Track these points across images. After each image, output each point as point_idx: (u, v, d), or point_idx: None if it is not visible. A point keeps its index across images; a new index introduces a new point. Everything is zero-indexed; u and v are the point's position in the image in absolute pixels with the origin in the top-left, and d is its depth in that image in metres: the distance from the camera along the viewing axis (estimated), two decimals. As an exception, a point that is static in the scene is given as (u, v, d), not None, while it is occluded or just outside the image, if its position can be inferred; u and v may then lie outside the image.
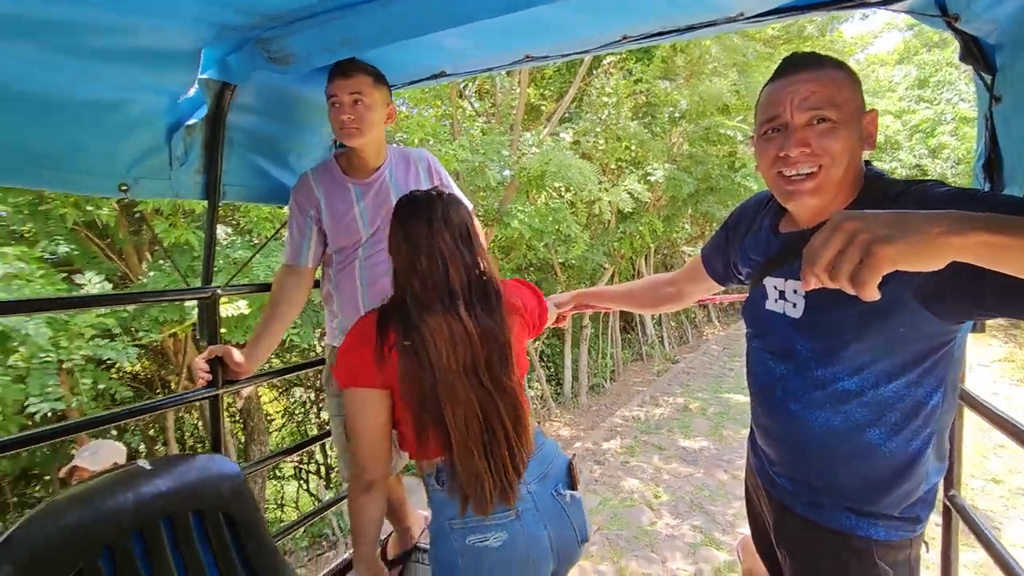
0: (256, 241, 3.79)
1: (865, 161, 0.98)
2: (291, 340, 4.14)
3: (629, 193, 6.60)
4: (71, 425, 1.45)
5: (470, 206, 1.95)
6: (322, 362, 1.85)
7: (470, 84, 7.45)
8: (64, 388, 2.76)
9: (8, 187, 3.18)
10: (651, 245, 9.11)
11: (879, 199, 0.91)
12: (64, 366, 2.76)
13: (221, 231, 4.24)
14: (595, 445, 6.20)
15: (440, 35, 1.27)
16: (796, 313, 0.98)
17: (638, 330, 11.01)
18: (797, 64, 0.93)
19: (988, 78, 1.08)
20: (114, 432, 4.38)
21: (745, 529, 1.38)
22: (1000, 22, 1.00)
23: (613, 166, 7.88)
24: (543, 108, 8.10)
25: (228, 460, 1.37)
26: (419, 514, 1.98)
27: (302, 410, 7.42)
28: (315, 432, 6.66)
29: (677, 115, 8.01)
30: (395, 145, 1.73)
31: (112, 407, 3.60)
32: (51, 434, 1.35)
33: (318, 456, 7.14)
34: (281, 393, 7.35)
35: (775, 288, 1.03)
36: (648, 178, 7.28)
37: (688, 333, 12.79)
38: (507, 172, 5.71)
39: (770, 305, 1.04)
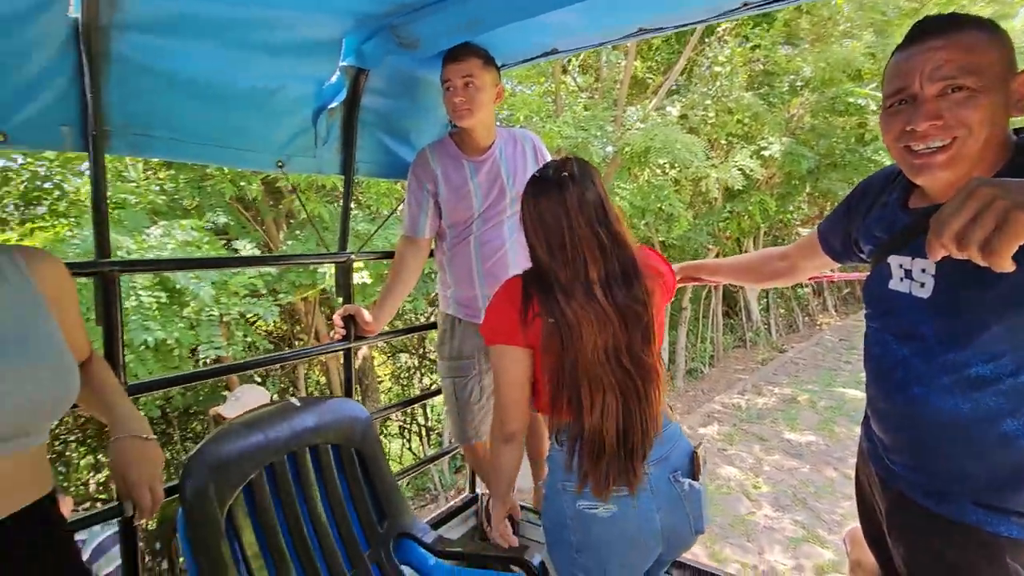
0: (374, 215, 4.14)
1: (1015, 129, 0.88)
2: (404, 307, 4.48)
3: (740, 170, 6.22)
4: (232, 366, 1.74)
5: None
6: (434, 326, 2.01)
7: (574, 59, 7.37)
8: (223, 338, 3.25)
9: (183, 165, 3.76)
10: (761, 225, 8.53)
11: None
12: (224, 320, 3.27)
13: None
14: (691, 430, 6.06)
15: (554, 12, 1.32)
16: (924, 293, 0.92)
17: (742, 315, 10.42)
18: (928, 29, 0.84)
19: None
20: (258, 381, 5.06)
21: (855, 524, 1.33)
22: None
23: (723, 141, 7.44)
24: (649, 81, 7.80)
25: (359, 404, 1.57)
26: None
27: (407, 375, 7.97)
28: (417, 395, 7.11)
29: (799, 84, 7.35)
30: (501, 126, 1.82)
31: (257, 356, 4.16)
32: (216, 372, 1.64)
33: (420, 418, 7.65)
34: (389, 358, 7.94)
35: (901, 267, 0.97)
36: (762, 153, 6.80)
37: (799, 320, 11.88)
38: (609, 148, 5.63)
39: (894, 285, 0.98)
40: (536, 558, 1.35)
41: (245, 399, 2.43)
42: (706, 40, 7.04)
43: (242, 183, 3.61)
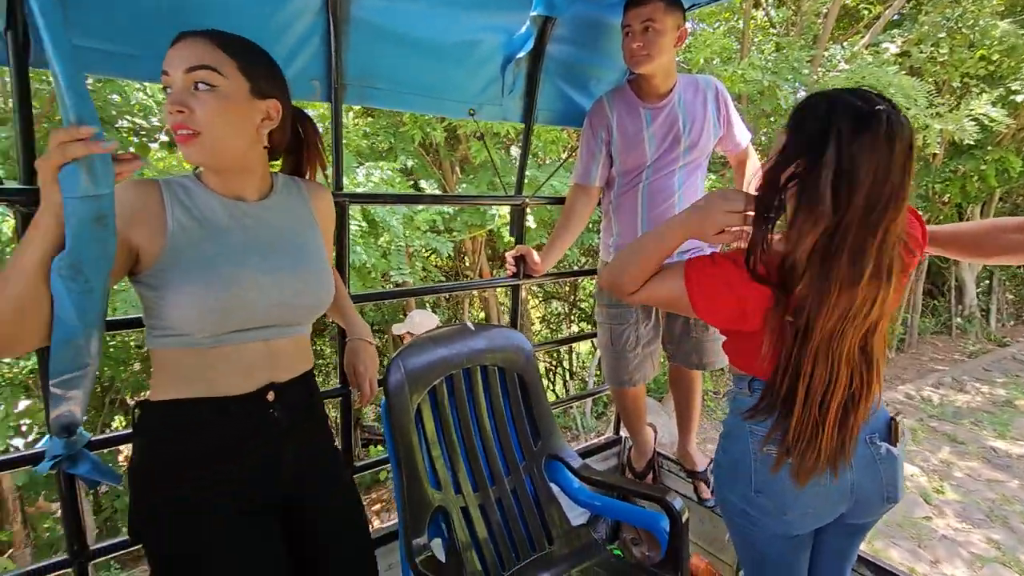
0: (541, 162, 4.29)
1: None
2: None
3: (976, 119, 5.08)
4: (413, 290, 2.01)
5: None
6: (593, 272, 2.08)
7: (770, -9, 6.51)
8: (408, 266, 3.74)
9: (381, 112, 4.28)
10: (996, 189, 6.94)
11: None
12: (409, 250, 3.76)
13: (513, 151, 4.90)
14: (862, 416, 5.42)
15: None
16: None
17: (951, 296, 8.75)
18: None
19: None
20: (431, 307, 5.73)
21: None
22: None
23: (956, 83, 6.10)
24: (864, 13, 6.61)
25: (523, 336, 1.73)
26: (649, 429, 2.14)
27: (556, 319, 8.27)
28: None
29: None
30: (683, 73, 1.74)
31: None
32: (400, 294, 1.92)
33: (565, 363, 7.94)
34: (541, 302, 8.28)
35: None
36: (1012, 98, 5.44)
37: (1033, 311, 9.64)
38: (802, 93, 4.97)
39: None
40: (677, 501, 1.41)
41: (418, 321, 2.79)
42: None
43: (428, 129, 3.99)
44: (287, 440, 0.99)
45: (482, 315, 6.61)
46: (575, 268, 4.98)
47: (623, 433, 2.38)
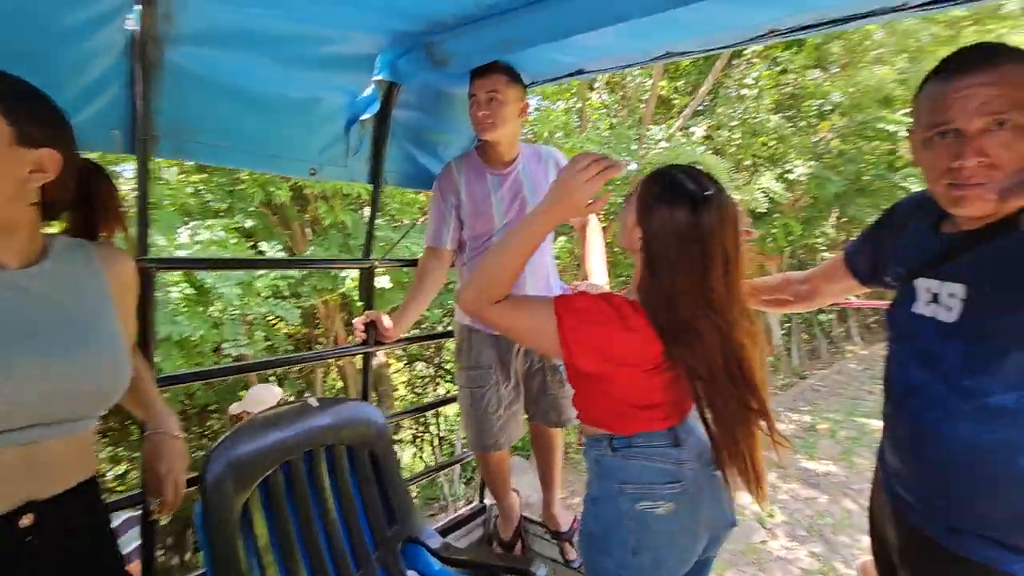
0: (397, 223, 4.22)
1: None
2: (422, 316, 4.54)
3: (764, 192, 6.18)
4: (254, 364, 1.79)
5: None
6: (450, 335, 2.04)
7: (601, 77, 7.44)
8: (246, 337, 3.34)
9: (216, 169, 3.91)
10: (784, 249, 8.43)
11: None
12: (247, 319, 3.37)
13: (367, 213, 4.79)
14: (705, 453, 5.95)
15: (583, 34, 1.36)
16: (950, 317, 0.91)
17: (763, 339, 10.25)
18: (968, 62, 0.83)
19: None
20: (275, 382, 5.17)
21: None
22: None
23: (748, 162, 7.41)
24: (675, 101, 7.83)
25: (375, 408, 1.60)
26: (514, 494, 2.09)
27: (421, 383, 8.02)
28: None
29: (827, 108, 7.30)
30: (526, 143, 1.85)
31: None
32: (240, 369, 1.69)
33: (433, 428, 7.67)
34: (404, 366, 8.00)
35: (928, 290, 0.96)
36: (786, 176, 6.74)
37: (822, 347, 11.64)
38: (634, 166, 5.65)
39: (919, 308, 0.97)
40: (541, 570, 1.36)
41: (260, 398, 2.49)
42: (734, 62, 7.05)
43: (271, 188, 3.73)
44: None
45: (340, 385, 6.16)
46: (436, 330, 4.91)
47: (488, 501, 2.29)
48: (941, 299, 0.93)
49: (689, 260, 0.98)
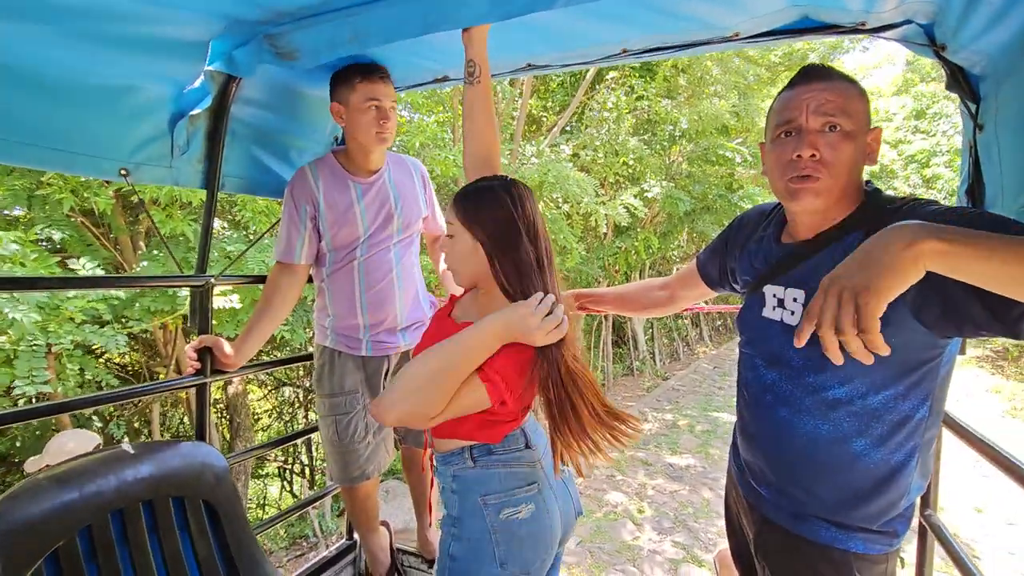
0: (250, 236, 3.79)
1: (866, 181, 1.01)
2: (283, 337, 4.13)
3: (626, 208, 6.66)
4: (53, 406, 1.46)
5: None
6: (310, 357, 1.85)
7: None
8: (51, 372, 2.75)
9: (7, 169, 3.18)
10: (646, 260, 9.17)
11: (876, 212, 0.94)
12: (53, 350, 2.75)
13: (216, 224, 4.26)
14: (582, 457, 6.18)
15: (444, 39, 1.31)
16: (794, 320, 1.00)
17: (630, 344, 11.03)
18: (813, 73, 0.97)
19: (973, 107, 1.12)
20: (98, 424, 4.34)
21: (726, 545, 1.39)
22: (983, 54, 1.04)
23: (611, 180, 7.96)
24: (544, 120, 8.18)
25: (213, 449, 1.38)
26: (383, 529, 1.96)
27: (290, 410, 7.37)
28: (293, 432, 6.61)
29: (677, 134, 8.11)
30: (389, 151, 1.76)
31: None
32: (32, 413, 1.34)
33: (303, 457, 7.08)
34: (270, 391, 7.30)
35: (774, 296, 1.05)
36: (645, 194, 7.34)
37: (680, 350, 12.82)
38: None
39: (767, 312, 1.06)
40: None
41: (65, 448, 2.03)
42: (597, 87, 7.55)
43: (86, 194, 3.12)
44: None
45: (187, 422, 5.40)
46: (297, 351, 4.52)
47: (357, 536, 2.10)
48: (786, 303, 1.02)
49: (523, 244, 1.04)
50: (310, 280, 1.72)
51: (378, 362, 1.69)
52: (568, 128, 7.87)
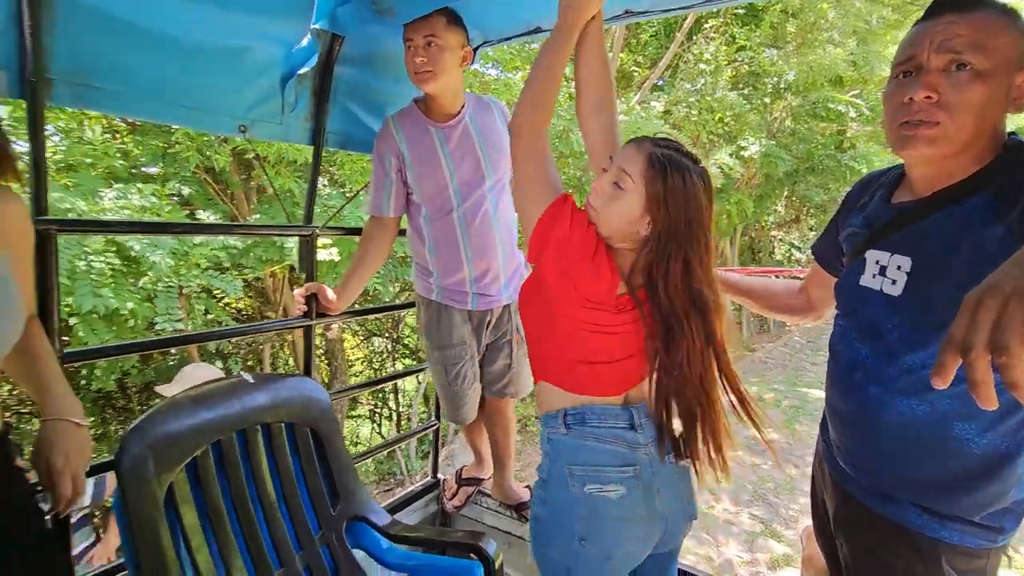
0: (348, 192, 4.03)
1: (1010, 133, 0.86)
2: (375, 290, 4.40)
3: (720, 168, 6.27)
4: (186, 336, 1.66)
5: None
6: (403, 306, 1.95)
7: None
8: (183, 311, 3.14)
9: (145, 130, 3.59)
10: (738, 226, 8.64)
11: (1015, 170, 0.80)
12: (183, 292, 3.15)
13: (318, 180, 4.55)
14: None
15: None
16: (895, 290, 0.90)
17: (715, 314, 10.59)
18: (946, 5, 0.83)
19: None
20: (218, 361, 4.92)
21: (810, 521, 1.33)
22: None
23: (704, 139, 7.49)
24: (635, 75, 7.79)
25: (317, 384, 1.52)
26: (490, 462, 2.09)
27: (379, 358, 7.88)
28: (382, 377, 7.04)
29: (782, 86, 7.42)
30: (470, 93, 1.72)
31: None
32: (169, 343, 1.56)
33: (391, 403, 7.59)
34: (361, 341, 7.82)
35: (877, 262, 0.95)
36: (741, 153, 6.85)
37: (770, 321, 12.14)
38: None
39: (865, 280, 0.96)
40: (491, 545, 1.33)
41: (193, 377, 2.30)
42: (693, 37, 7.05)
43: (209, 152, 3.46)
44: None
45: (292, 363, 5.96)
46: (389, 303, 4.78)
47: (441, 475, 2.25)
48: (888, 271, 0.92)
49: (698, 243, 0.97)
50: (402, 232, 1.79)
51: (482, 315, 1.75)
52: (660, 83, 7.46)
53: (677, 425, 1.07)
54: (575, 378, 1.05)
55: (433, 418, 2.30)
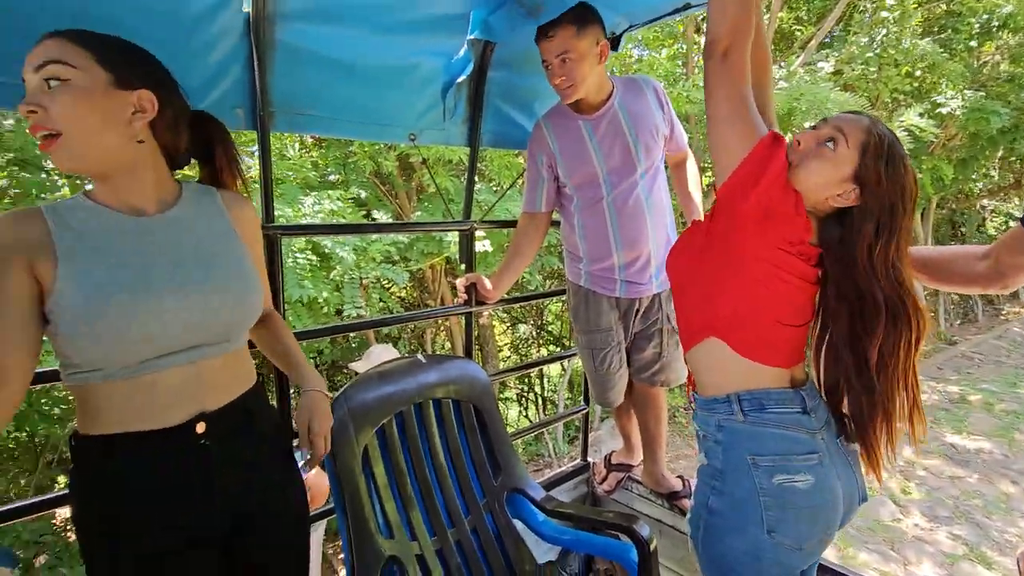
0: (497, 186, 4.28)
1: None
2: (523, 278, 4.62)
3: (908, 130, 5.37)
4: (370, 321, 1.92)
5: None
6: (558, 292, 2.04)
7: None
8: (363, 299, 3.64)
9: (330, 143, 4.22)
10: (932, 197, 7.32)
11: None
12: (363, 282, 3.67)
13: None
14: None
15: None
16: None
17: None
18: None
19: None
20: (388, 344, 5.61)
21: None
22: None
23: (887, 98, 6.46)
24: (798, 34, 6.98)
25: (479, 366, 1.66)
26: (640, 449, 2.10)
27: (524, 344, 8.20)
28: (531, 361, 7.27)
29: (994, 24, 6.08)
30: (617, 76, 1.70)
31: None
32: (355, 327, 1.82)
33: (537, 388, 7.86)
34: (508, 327, 8.21)
35: None
36: (937, 111, 5.78)
37: (977, 310, 10.13)
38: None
39: None
40: (645, 530, 1.35)
41: (376, 355, 2.70)
42: (872, -19, 6.09)
43: (379, 159, 3.96)
44: (223, 473, 0.92)
45: (448, 346, 6.49)
46: (534, 291, 4.96)
47: (591, 459, 2.31)
48: None
49: (903, 228, 0.92)
50: (555, 224, 1.86)
51: (630, 302, 1.76)
52: (828, 40, 6.59)
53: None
54: (755, 338, 0.99)
55: (582, 403, 2.36)
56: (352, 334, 4.92)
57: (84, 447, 0.86)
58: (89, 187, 0.88)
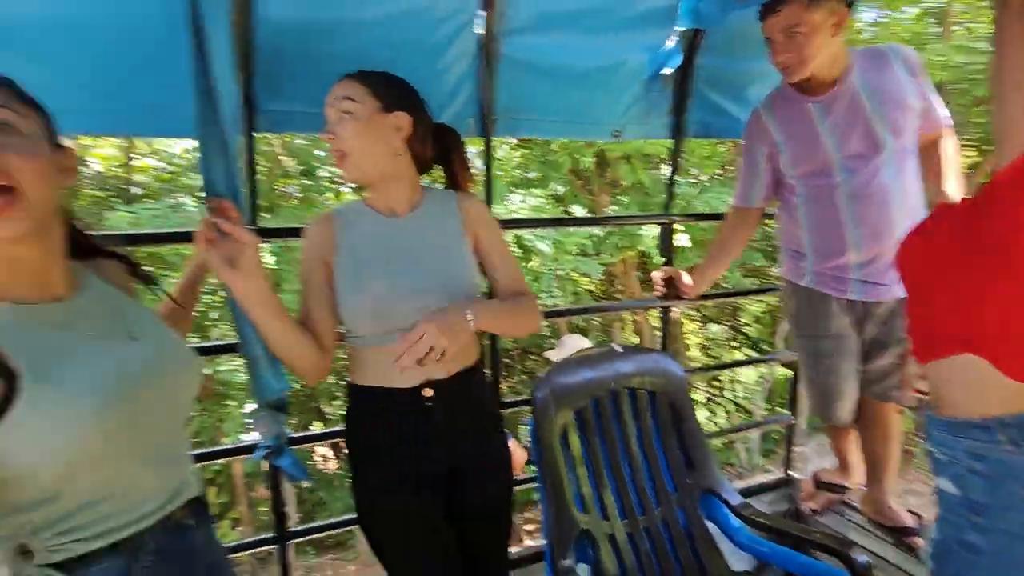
0: (695, 179, 4.12)
1: None
2: (722, 274, 4.40)
3: None
4: (568, 309, 2.04)
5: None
6: (764, 291, 1.91)
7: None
8: (558, 289, 3.85)
9: (531, 143, 4.54)
10: None
11: None
12: (557, 274, 3.89)
13: (665, 170, 4.80)
14: None
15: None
16: None
17: None
18: None
19: None
20: (578, 335, 5.83)
21: None
22: None
23: None
24: None
25: (674, 360, 1.65)
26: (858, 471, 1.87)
27: (715, 345, 7.71)
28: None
29: None
30: (855, 48, 1.48)
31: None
32: (556, 314, 1.95)
33: (728, 393, 7.35)
34: (699, 327, 7.80)
35: None
36: None
37: None
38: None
39: None
40: (862, 557, 1.21)
41: (569, 344, 2.83)
42: None
43: (578, 156, 4.12)
44: (443, 436, 1.10)
45: (635, 340, 6.44)
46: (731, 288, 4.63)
47: (796, 474, 2.11)
48: None
49: None
50: (768, 216, 1.74)
51: (868, 306, 1.56)
52: None
53: None
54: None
55: (788, 414, 2.17)
56: (545, 322, 5.22)
57: (354, 392, 1.12)
58: (365, 194, 1.13)
